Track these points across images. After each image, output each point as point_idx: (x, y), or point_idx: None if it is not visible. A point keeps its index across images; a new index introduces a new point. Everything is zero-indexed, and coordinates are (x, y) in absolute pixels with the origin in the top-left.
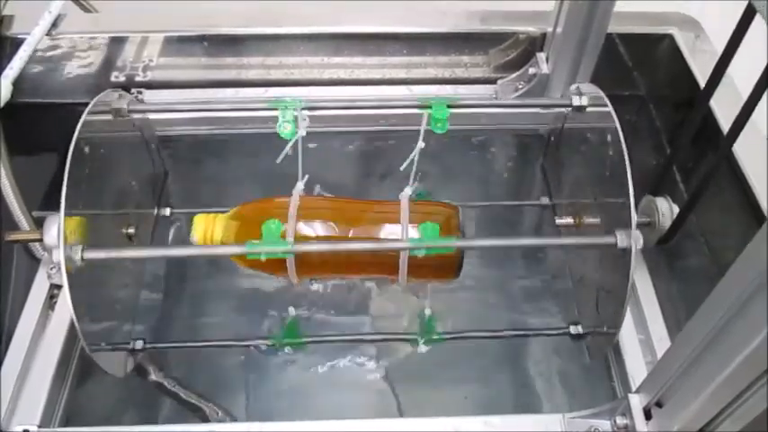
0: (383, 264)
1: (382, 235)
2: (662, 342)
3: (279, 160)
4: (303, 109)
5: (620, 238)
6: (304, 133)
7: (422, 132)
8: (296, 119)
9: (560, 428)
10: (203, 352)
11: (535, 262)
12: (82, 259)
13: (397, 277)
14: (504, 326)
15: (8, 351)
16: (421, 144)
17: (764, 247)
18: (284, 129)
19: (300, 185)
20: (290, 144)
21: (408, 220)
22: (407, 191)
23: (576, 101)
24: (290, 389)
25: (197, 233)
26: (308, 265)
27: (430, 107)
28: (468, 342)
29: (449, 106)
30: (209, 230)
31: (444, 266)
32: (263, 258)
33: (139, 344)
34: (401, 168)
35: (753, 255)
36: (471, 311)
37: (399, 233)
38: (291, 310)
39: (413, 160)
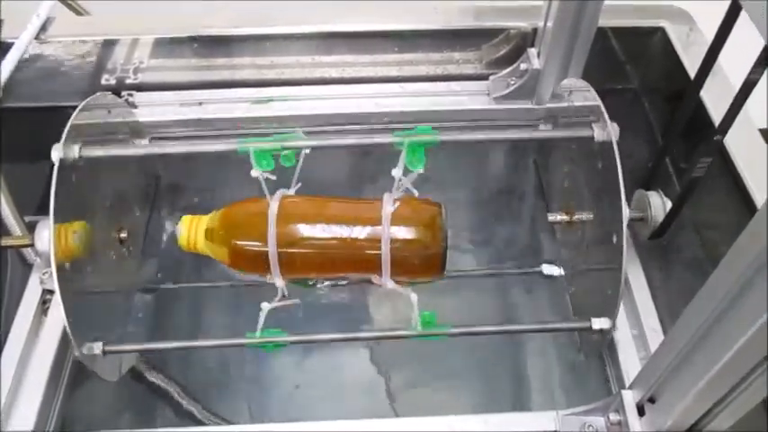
0: (368, 263)
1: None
2: (656, 337)
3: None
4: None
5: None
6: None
7: (401, 161)
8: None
9: (554, 426)
10: (198, 350)
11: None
12: (104, 353)
13: (381, 277)
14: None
15: (1, 356)
16: (398, 173)
17: (759, 239)
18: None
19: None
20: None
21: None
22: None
23: (599, 135)
24: (285, 382)
25: (180, 236)
26: (291, 266)
27: (408, 136)
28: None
29: (425, 145)
30: (192, 233)
31: (428, 264)
32: None
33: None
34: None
35: (744, 247)
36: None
37: (382, 234)
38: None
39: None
